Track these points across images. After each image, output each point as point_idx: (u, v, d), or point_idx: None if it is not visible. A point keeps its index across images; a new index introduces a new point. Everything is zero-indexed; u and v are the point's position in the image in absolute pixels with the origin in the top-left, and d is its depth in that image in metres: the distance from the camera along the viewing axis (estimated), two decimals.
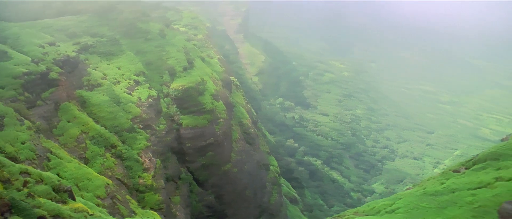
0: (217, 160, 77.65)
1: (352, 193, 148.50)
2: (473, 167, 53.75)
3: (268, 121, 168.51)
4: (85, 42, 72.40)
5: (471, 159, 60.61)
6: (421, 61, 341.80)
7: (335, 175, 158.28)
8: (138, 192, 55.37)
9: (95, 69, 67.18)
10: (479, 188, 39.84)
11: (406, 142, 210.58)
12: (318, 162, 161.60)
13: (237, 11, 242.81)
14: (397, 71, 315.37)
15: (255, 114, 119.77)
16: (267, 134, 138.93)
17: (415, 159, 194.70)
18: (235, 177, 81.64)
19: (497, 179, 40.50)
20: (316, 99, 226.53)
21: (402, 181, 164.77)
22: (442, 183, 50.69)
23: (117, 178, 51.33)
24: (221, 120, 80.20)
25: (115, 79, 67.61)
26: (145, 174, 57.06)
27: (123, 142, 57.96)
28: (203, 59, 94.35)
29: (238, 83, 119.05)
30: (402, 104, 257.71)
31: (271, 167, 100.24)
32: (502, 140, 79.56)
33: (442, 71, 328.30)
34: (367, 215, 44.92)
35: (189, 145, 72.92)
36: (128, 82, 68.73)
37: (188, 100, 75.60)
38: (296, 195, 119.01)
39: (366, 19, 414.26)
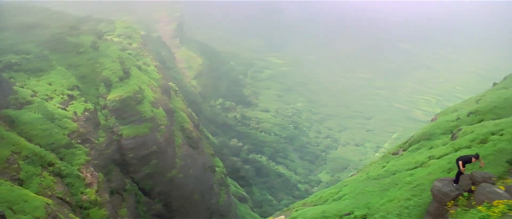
0: (162, 167, 77.04)
1: (299, 185, 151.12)
2: (410, 148, 56.77)
3: (210, 123, 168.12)
4: (8, 60, 69.13)
5: (407, 141, 63.94)
6: (355, 50, 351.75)
7: (281, 169, 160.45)
8: (82, 209, 53.85)
9: (22, 87, 64.34)
10: (416, 168, 42.07)
11: (347, 129, 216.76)
12: (264, 158, 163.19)
13: (172, 16, 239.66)
14: (333, 62, 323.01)
15: (196, 117, 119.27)
16: (210, 136, 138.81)
17: (357, 145, 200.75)
18: (181, 183, 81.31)
19: (430, 157, 43.02)
20: (256, 96, 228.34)
21: (346, 168, 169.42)
22: (384, 166, 53.13)
23: (57, 197, 49.55)
24: (162, 126, 79.53)
25: (47, 95, 65.14)
26: (88, 189, 55.62)
27: (61, 159, 56.07)
28: (139, 68, 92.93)
29: (177, 88, 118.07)
30: (341, 93, 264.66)
31: (217, 169, 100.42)
32: (432, 120, 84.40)
33: (375, 57, 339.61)
34: (316, 205, 46.30)
35: (131, 155, 71.82)
36: (62, 98, 66.45)
37: (126, 110, 74.39)
38: (244, 194, 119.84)
39: (300, 14, 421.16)
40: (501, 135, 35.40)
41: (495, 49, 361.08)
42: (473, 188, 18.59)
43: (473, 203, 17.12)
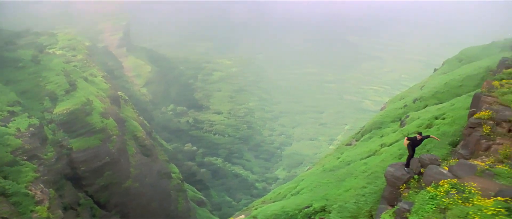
0: (116, 178, 75.60)
1: (257, 184, 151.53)
2: (362, 138, 58.55)
3: (162, 130, 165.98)
4: None
5: (359, 131, 65.98)
6: (303, 45, 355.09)
7: (237, 169, 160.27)
8: None
9: None
10: (369, 156, 43.42)
11: (300, 125, 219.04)
12: (219, 160, 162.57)
13: (117, 25, 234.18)
14: (283, 59, 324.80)
15: (148, 125, 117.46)
16: (163, 142, 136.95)
17: (311, 140, 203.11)
18: (137, 192, 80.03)
19: (381, 145, 44.50)
20: (208, 99, 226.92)
21: (302, 163, 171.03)
22: (338, 158, 54.44)
23: (3, 217, 47.33)
24: (114, 137, 78.01)
25: None
26: (39, 207, 53.41)
27: (5, 178, 53.31)
28: (86, 79, 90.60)
29: (127, 97, 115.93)
30: (292, 89, 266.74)
31: (173, 175, 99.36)
32: (381, 109, 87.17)
33: (323, 52, 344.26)
34: (275, 202, 46.77)
35: (83, 168, 69.92)
36: (1, 115, 63.45)
37: (75, 123, 72.39)
38: (202, 197, 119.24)
39: (248, 14, 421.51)
40: (443, 118, 37.22)
41: (435, 36, 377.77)
42: (422, 170, 19.50)
43: (423, 184, 17.91)
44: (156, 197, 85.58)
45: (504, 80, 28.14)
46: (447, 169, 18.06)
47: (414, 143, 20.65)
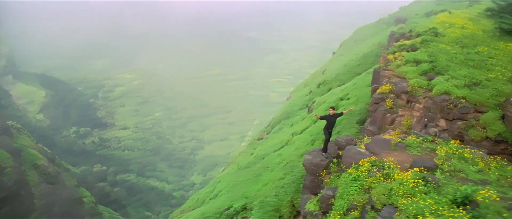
0: (18, 213, 69.50)
1: (174, 193, 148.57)
2: (273, 130, 58.99)
3: (67, 154, 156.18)
4: None
5: (269, 124, 66.55)
6: (204, 48, 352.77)
7: (152, 182, 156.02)
8: None
9: None
10: (282, 147, 43.58)
11: (210, 127, 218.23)
12: (132, 176, 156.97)
13: None
14: (185, 65, 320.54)
15: (49, 151, 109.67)
16: (70, 167, 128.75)
17: (222, 140, 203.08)
18: None
19: (293, 134, 44.88)
20: (112, 116, 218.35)
21: (216, 165, 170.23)
22: (252, 153, 54.25)
23: None
24: (9, 169, 71.48)
25: None
26: None
27: None
28: None
29: (20, 126, 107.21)
30: (198, 94, 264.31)
31: (85, 199, 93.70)
32: (287, 99, 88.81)
33: (224, 51, 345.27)
34: (194, 209, 45.44)
35: None
36: None
37: None
38: (120, 217, 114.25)
39: (145, 25, 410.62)
40: (348, 99, 38.30)
41: (329, 21, 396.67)
42: (340, 153, 19.30)
43: (344, 167, 17.74)
44: None
45: (396, 53, 29.47)
46: (364, 147, 18.07)
47: (329, 123, 20.02)
